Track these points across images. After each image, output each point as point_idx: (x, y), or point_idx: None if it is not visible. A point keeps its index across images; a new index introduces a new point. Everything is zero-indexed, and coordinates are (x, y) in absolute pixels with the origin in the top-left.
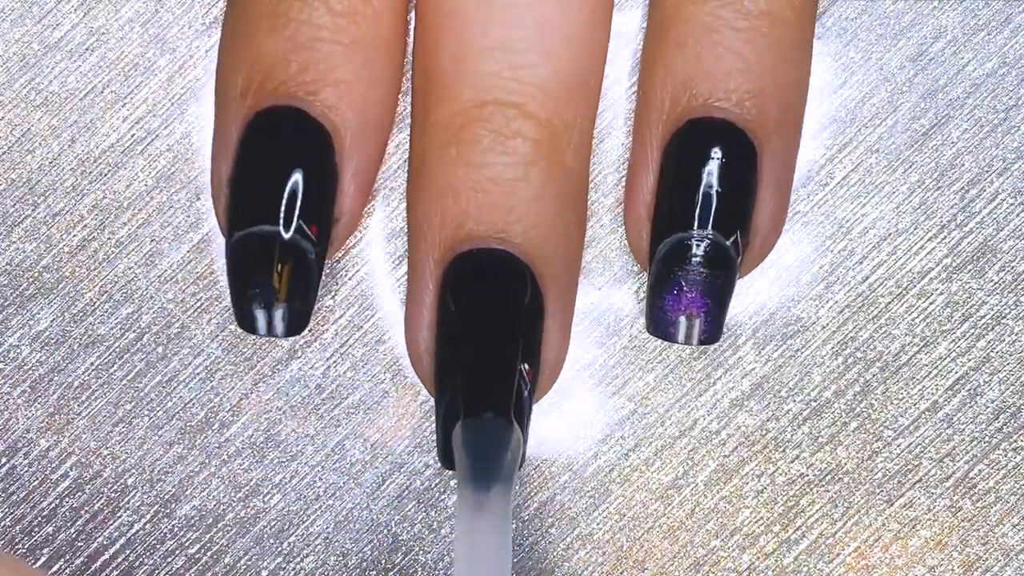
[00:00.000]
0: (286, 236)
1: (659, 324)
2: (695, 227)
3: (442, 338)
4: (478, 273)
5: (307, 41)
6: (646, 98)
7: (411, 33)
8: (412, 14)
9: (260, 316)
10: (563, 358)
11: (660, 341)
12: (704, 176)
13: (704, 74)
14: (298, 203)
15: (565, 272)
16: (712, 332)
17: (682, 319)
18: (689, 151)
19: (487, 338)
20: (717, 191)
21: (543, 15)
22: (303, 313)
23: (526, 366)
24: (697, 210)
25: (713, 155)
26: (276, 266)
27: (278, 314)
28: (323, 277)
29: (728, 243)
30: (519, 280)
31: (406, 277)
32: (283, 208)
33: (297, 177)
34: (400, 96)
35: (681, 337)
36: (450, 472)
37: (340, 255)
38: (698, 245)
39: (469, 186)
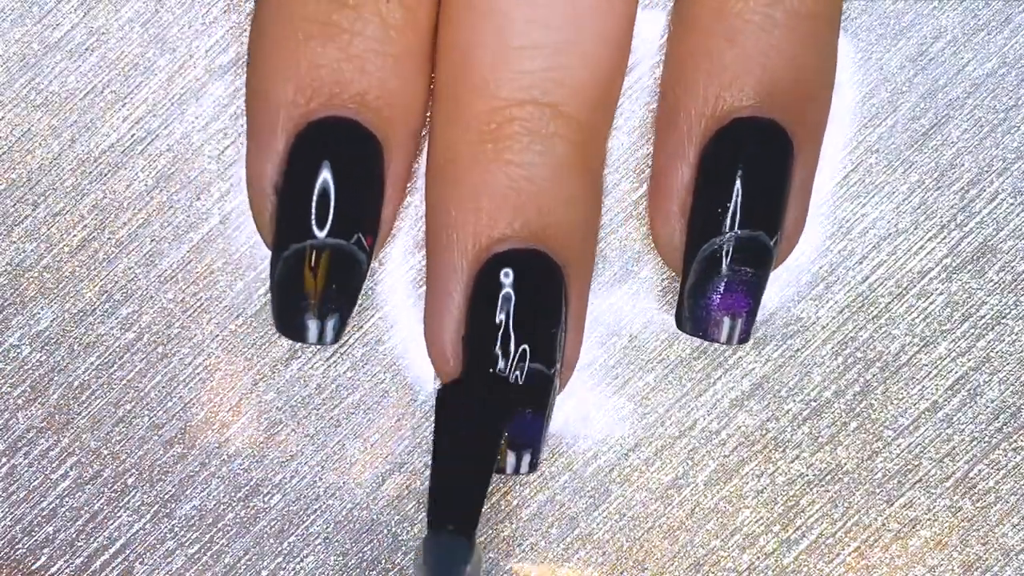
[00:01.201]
0: (345, 248)
1: (700, 324)
2: (739, 227)
3: (474, 338)
4: (515, 273)
5: (361, 52)
6: (687, 92)
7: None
8: None
9: (312, 326)
10: (577, 356)
11: (660, 341)
12: (751, 175)
13: (752, 72)
14: (354, 215)
15: (586, 274)
16: (749, 331)
17: (726, 319)
18: (736, 150)
19: (459, 455)
20: (762, 191)
21: (582, 17)
22: (347, 320)
23: (559, 365)
24: (743, 210)
25: (760, 155)
26: (332, 276)
27: (330, 323)
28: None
29: (771, 243)
30: (554, 281)
31: (425, 273)
32: (342, 220)
33: (353, 188)
34: None
35: (724, 336)
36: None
37: None
38: (743, 245)
39: (505, 184)
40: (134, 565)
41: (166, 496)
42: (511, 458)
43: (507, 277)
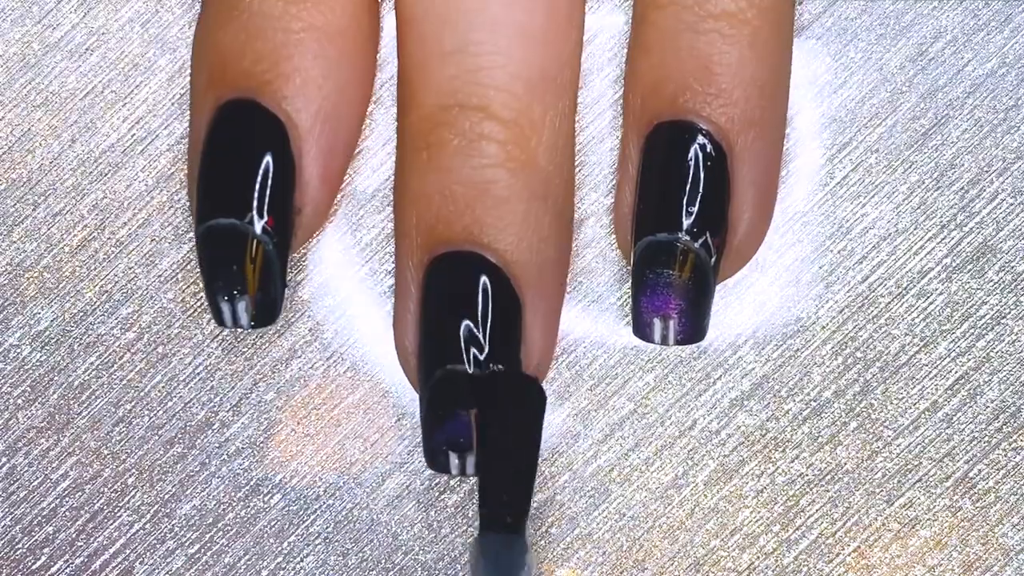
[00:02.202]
0: (242, 227)
1: (637, 326)
2: (664, 228)
3: (424, 339)
4: (453, 276)
5: (258, 31)
6: (623, 102)
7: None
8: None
9: (225, 308)
10: (549, 357)
11: None
12: (671, 177)
13: (667, 77)
14: (255, 195)
15: (542, 272)
16: (689, 333)
17: (657, 320)
18: (656, 153)
19: (514, 457)
20: (685, 192)
21: (495, 16)
22: (267, 304)
23: (500, 367)
24: (665, 211)
25: (678, 157)
26: (235, 257)
27: (241, 306)
28: (323, 274)
29: (697, 244)
30: (493, 280)
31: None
32: (238, 200)
33: (252, 169)
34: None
35: (657, 338)
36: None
37: (340, 254)
38: (667, 247)
39: (439, 190)
40: (134, 565)
41: (166, 496)
42: (454, 459)
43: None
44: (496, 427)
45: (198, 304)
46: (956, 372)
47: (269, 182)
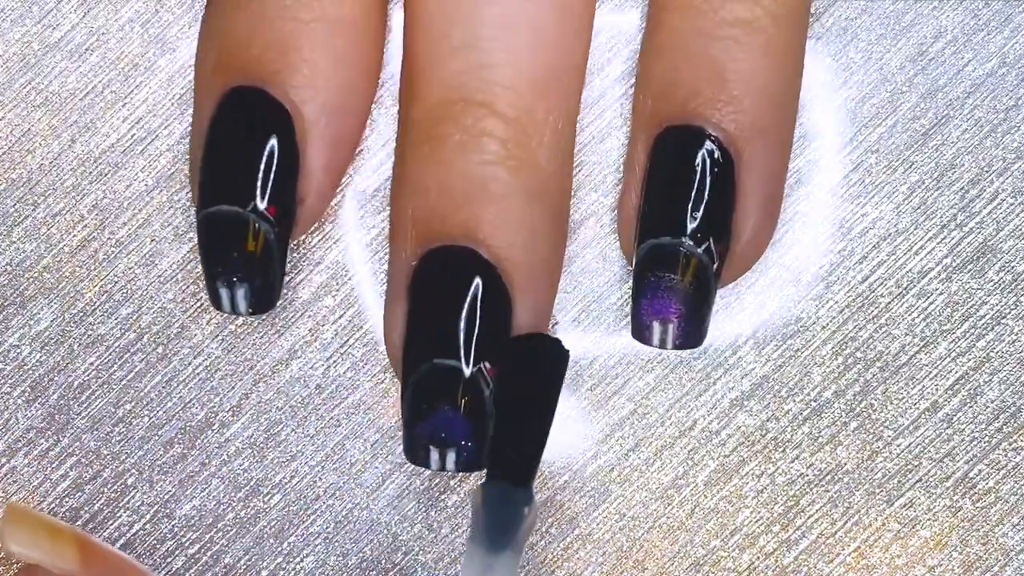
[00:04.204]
0: (244, 215)
1: (636, 328)
2: (668, 232)
3: (413, 331)
4: (446, 270)
5: (269, 20)
6: (634, 103)
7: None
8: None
9: (224, 294)
10: None
11: None
12: (677, 181)
13: (679, 81)
14: (257, 183)
15: (536, 269)
16: (688, 337)
17: (656, 324)
18: (664, 157)
19: (529, 410)
20: (690, 197)
21: (505, 15)
22: (265, 291)
23: (487, 364)
24: (669, 215)
25: (686, 161)
26: (236, 244)
27: (240, 292)
28: (323, 274)
29: (700, 250)
30: (488, 278)
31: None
32: (242, 188)
33: (256, 157)
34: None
35: (656, 341)
36: (449, 472)
37: (340, 255)
38: (669, 251)
39: (438, 183)
40: None
41: (166, 496)
42: (434, 455)
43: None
44: (516, 382)
45: (198, 304)
46: (956, 372)
47: (273, 171)
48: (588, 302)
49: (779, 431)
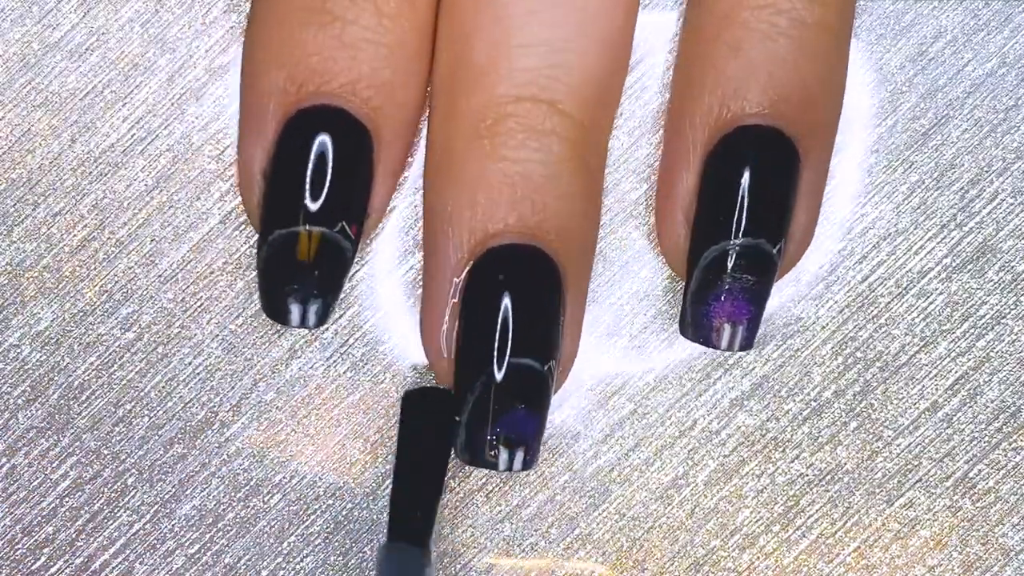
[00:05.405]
0: (329, 235)
1: (700, 330)
2: (742, 234)
3: (467, 332)
4: (509, 268)
5: (354, 41)
6: (692, 99)
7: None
8: None
9: (295, 309)
10: (575, 354)
11: (660, 341)
12: (754, 183)
13: (757, 81)
14: (340, 202)
15: (584, 271)
16: (751, 339)
17: (726, 326)
18: (739, 158)
19: (420, 472)
20: (765, 199)
21: (584, 16)
22: (332, 306)
23: (553, 363)
24: (746, 217)
25: (763, 163)
26: (315, 262)
27: (313, 308)
28: None
29: (774, 251)
30: (549, 277)
31: (422, 268)
32: (328, 208)
33: (340, 177)
34: None
35: (724, 343)
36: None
37: None
38: (745, 252)
39: (501, 180)
40: (134, 565)
41: (166, 496)
42: (503, 455)
43: (502, 275)
44: (410, 440)
45: (198, 304)
46: (956, 372)
47: (355, 190)
48: (588, 302)
49: (779, 431)
